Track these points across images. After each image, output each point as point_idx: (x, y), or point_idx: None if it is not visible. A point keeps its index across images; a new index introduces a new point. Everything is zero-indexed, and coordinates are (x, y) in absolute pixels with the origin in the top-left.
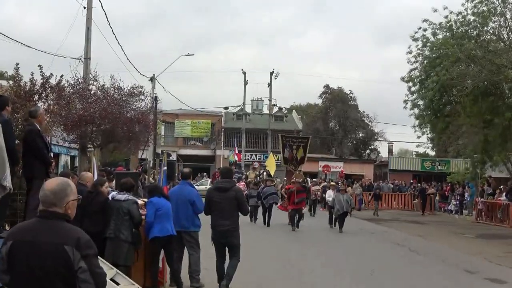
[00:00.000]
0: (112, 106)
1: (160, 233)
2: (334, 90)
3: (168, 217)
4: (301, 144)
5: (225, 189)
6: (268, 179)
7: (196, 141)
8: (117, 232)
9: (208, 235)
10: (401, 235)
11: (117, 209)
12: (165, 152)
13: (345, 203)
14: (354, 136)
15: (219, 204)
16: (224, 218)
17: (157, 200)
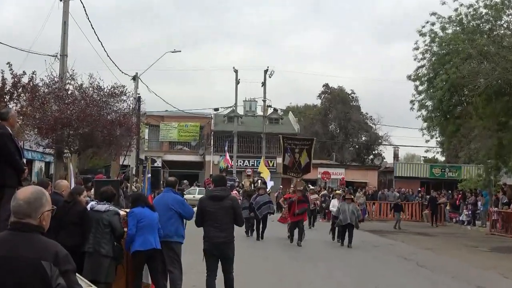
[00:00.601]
0: (91, 107)
1: (141, 247)
2: (334, 90)
3: (152, 229)
4: (304, 146)
5: (220, 198)
6: (261, 187)
7: (183, 145)
8: (96, 246)
9: (195, 250)
10: (408, 248)
11: (97, 220)
12: (149, 158)
13: (350, 214)
14: (356, 140)
15: (213, 214)
16: (219, 229)
17: (139, 211)
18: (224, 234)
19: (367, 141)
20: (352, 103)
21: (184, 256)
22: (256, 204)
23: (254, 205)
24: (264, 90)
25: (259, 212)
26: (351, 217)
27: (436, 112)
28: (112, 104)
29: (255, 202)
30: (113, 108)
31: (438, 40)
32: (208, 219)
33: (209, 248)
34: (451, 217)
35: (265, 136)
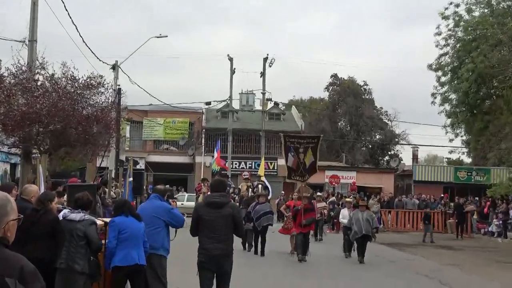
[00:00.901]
0: (63, 100)
1: (122, 262)
2: (343, 81)
3: (136, 241)
4: (309, 145)
5: (219, 205)
6: (262, 194)
7: (170, 145)
8: (70, 262)
9: (180, 265)
10: (430, 264)
11: (70, 231)
12: (131, 159)
13: (365, 224)
14: (370, 138)
15: (210, 223)
16: (217, 241)
17: (121, 220)
18: (222, 246)
19: (382, 140)
20: (365, 96)
21: (168, 271)
22: (255, 213)
23: (253, 214)
24: (263, 81)
25: (258, 224)
26: (366, 227)
27: (462, 107)
28: (88, 97)
29: (254, 211)
30: (89, 102)
31: (463, 24)
32: (205, 229)
33: (205, 261)
34: (479, 227)
35: (264, 134)
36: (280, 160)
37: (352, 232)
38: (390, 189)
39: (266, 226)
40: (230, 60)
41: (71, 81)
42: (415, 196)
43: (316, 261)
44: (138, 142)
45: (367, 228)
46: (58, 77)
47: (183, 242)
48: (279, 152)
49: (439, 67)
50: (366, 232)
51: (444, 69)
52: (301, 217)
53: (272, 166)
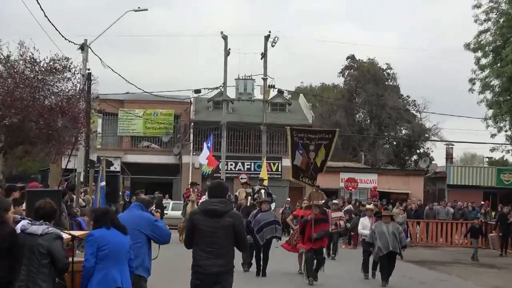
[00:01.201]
0: (21, 88)
1: (100, 285)
2: (362, 64)
3: (118, 259)
4: (322, 141)
5: (218, 214)
6: (265, 201)
7: (151, 142)
8: (31, 284)
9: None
10: (467, 286)
11: (31, 248)
12: (104, 159)
13: (392, 238)
14: (394, 134)
15: (207, 235)
16: (215, 256)
17: (101, 234)
18: (222, 262)
19: (409, 135)
20: (388, 83)
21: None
22: (256, 223)
23: (254, 225)
24: (265, 64)
25: (260, 236)
26: (393, 242)
27: (506, 95)
28: (51, 84)
29: (255, 220)
30: (52, 90)
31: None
32: (200, 241)
33: (201, 281)
34: None
35: (266, 128)
36: (285, 161)
37: (376, 249)
38: (419, 195)
39: (270, 239)
40: (224, 38)
41: (31, 64)
42: (449, 204)
43: (329, 283)
44: (113, 138)
45: (394, 244)
46: (15, 60)
47: (168, 259)
48: (284, 151)
49: (479, 47)
50: (393, 248)
51: (484, 49)
52: (311, 229)
53: (275, 168)
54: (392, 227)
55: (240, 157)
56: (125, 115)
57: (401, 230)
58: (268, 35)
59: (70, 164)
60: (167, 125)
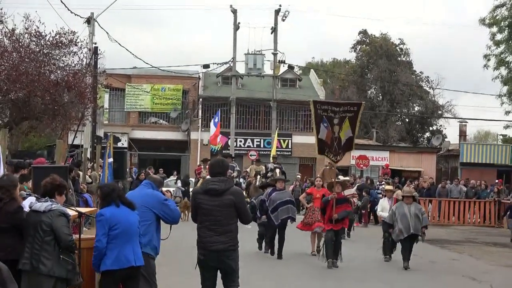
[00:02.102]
0: (27, 62)
1: (114, 265)
2: (375, 39)
3: (130, 237)
4: (346, 114)
5: (218, 192)
6: (279, 179)
7: (158, 117)
8: (35, 262)
9: (172, 264)
10: (479, 266)
11: (34, 225)
12: (111, 135)
13: (414, 220)
14: (406, 110)
15: (209, 213)
16: (217, 233)
17: (111, 213)
18: (225, 239)
19: (422, 112)
20: (401, 58)
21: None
22: (271, 203)
23: (268, 204)
24: (275, 39)
25: (275, 216)
26: (415, 225)
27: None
28: (57, 58)
29: (270, 200)
30: (58, 64)
31: None
32: (203, 219)
33: (205, 258)
34: None
35: (276, 104)
36: (295, 137)
37: (396, 231)
38: (431, 173)
39: (286, 219)
40: (233, 12)
41: (36, 38)
42: (462, 182)
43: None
44: (120, 114)
45: (416, 226)
46: (20, 33)
47: (173, 238)
48: (295, 127)
49: (494, 22)
50: (415, 231)
51: (500, 24)
52: (331, 210)
53: (285, 145)
54: (415, 208)
55: (249, 134)
56: (133, 90)
57: (423, 211)
58: (279, 9)
59: (77, 140)
60: (175, 100)
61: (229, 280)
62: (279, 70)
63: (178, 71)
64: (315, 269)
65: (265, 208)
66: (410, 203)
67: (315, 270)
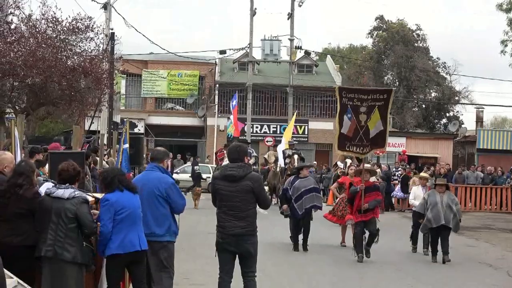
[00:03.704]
0: (44, 48)
1: (120, 249)
2: (391, 25)
3: (135, 222)
4: (376, 103)
5: (236, 179)
6: (304, 166)
7: (175, 103)
8: (58, 249)
9: (187, 252)
10: (496, 252)
11: (58, 212)
12: (127, 121)
13: (446, 211)
14: (423, 97)
15: (228, 198)
16: (236, 218)
17: (116, 197)
18: (243, 224)
19: (439, 98)
20: (418, 44)
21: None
22: (294, 191)
23: (292, 193)
24: (292, 25)
25: (299, 205)
26: (447, 215)
27: None
28: (74, 44)
29: (293, 188)
30: (75, 50)
31: None
32: (222, 204)
33: (223, 241)
34: None
35: (292, 90)
36: (312, 123)
37: (425, 221)
38: (447, 160)
39: (310, 208)
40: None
41: (53, 24)
42: (479, 169)
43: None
44: (136, 100)
45: (448, 217)
46: (37, 19)
47: (188, 224)
48: (311, 113)
49: (511, 7)
50: (446, 222)
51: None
52: (360, 199)
53: (301, 131)
54: (447, 198)
55: (265, 120)
56: (149, 76)
57: (457, 202)
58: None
59: (93, 126)
60: (191, 86)
61: (247, 266)
62: (296, 56)
63: (194, 57)
64: (346, 264)
65: (289, 197)
66: (443, 191)
67: (345, 265)
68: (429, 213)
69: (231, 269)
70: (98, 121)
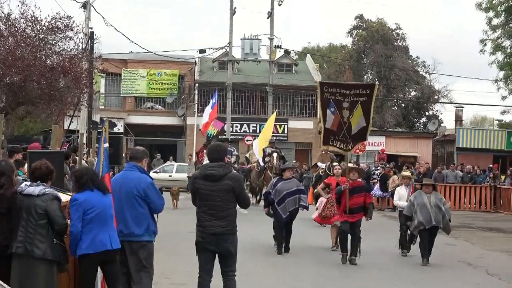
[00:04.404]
0: (23, 47)
1: (89, 249)
2: (371, 24)
3: (105, 221)
4: (359, 98)
5: (216, 178)
6: (288, 167)
7: (154, 103)
8: (28, 245)
9: (167, 251)
10: (475, 250)
11: (28, 209)
12: (107, 120)
13: (436, 211)
14: (403, 95)
15: (208, 198)
16: (216, 217)
17: (85, 197)
18: (223, 223)
19: (418, 97)
20: (397, 43)
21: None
22: (276, 194)
23: (274, 195)
24: (271, 24)
25: (282, 208)
26: (436, 216)
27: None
28: (53, 43)
29: (275, 191)
30: (54, 49)
31: None
32: (202, 203)
33: (203, 240)
34: None
35: (272, 89)
36: (291, 122)
37: (415, 223)
38: (427, 159)
39: (294, 211)
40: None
41: (32, 23)
42: (458, 167)
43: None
44: (116, 99)
45: (438, 217)
46: (16, 18)
47: (168, 223)
48: (291, 112)
49: (491, 7)
50: (437, 223)
51: (496, 9)
52: (346, 199)
53: (281, 130)
54: (435, 198)
55: (245, 119)
56: (129, 75)
57: (445, 201)
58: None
59: (73, 125)
60: (171, 85)
61: (227, 265)
62: (275, 55)
63: (174, 56)
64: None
65: (271, 200)
66: (430, 192)
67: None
68: (419, 216)
69: (211, 269)
70: (78, 120)
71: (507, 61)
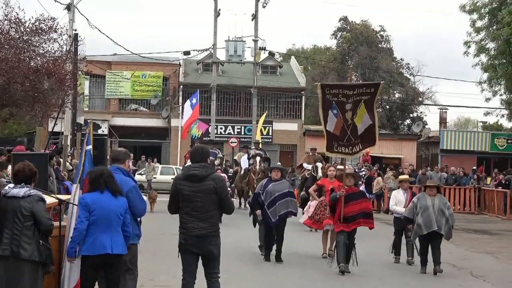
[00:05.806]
0: (6, 49)
1: (88, 251)
2: (355, 26)
3: (108, 225)
4: (362, 97)
5: (199, 178)
6: (275, 168)
7: (139, 104)
8: (15, 247)
9: (152, 253)
10: (459, 252)
11: (13, 211)
12: (91, 122)
13: (438, 215)
14: (387, 97)
15: (191, 199)
16: (198, 219)
17: (92, 198)
18: (205, 225)
19: (402, 99)
20: (381, 45)
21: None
22: (267, 196)
23: (264, 198)
24: (256, 26)
25: (272, 212)
26: (439, 220)
27: (502, 58)
28: (37, 45)
29: (266, 192)
30: (38, 51)
31: None
32: (185, 205)
33: (186, 242)
34: None
35: (256, 91)
36: (276, 124)
37: (415, 227)
38: (411, 160)
39: (285, 215)
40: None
41: (16, 24)
42: (443, 169)
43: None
44: (100, 101)
45: (440, 223)
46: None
47: (152, 225)
48: (275, 114)
49: (474, 9)
50: (438, 228)
51: (480, 11)
52: (341, 206)
53: (266, 132)
54: (439, 202)
55: (230, 121)
56: (113, 77)
57: (449, 206)
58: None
59: (57, 127)
60: (155, 87)
61: (210, 267)
62: (260, 57)
63: (158, 58)
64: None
65: (261, 202)
66: (434, 194)
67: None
68: (419, 218)
69: (195, 270)
70: (62, 122)
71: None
